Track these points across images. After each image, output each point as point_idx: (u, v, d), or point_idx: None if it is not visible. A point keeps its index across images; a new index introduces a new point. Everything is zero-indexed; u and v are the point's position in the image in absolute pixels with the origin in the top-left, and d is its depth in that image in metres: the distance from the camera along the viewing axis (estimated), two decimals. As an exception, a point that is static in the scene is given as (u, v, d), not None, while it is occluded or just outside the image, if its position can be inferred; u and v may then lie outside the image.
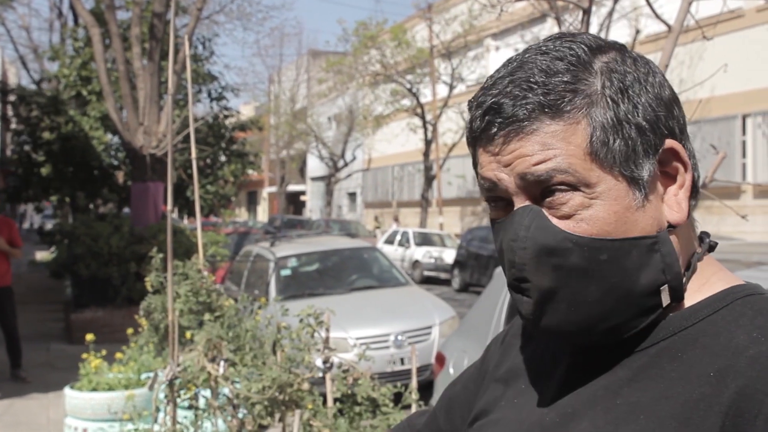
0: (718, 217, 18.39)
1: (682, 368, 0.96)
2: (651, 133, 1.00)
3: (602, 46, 1.04)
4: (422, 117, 32.90)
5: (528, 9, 22.89)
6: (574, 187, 0.98)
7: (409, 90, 33.36)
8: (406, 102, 34.65)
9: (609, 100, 0.99)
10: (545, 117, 0.99)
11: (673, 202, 1.02)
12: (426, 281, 23.55)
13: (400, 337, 9.00)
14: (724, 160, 2.59)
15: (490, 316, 5.20)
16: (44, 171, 22.70)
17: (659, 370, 0.98)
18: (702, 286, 1.03)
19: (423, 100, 33.50)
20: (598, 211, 0.98)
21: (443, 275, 23.49)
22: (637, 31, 6.60)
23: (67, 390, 6.69)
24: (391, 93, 35.28)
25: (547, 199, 1.00)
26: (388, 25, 35.53)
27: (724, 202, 2.93)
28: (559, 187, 0.99)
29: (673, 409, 0.93)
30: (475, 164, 1.08)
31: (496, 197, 1.06)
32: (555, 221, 1.00)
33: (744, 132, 20.73)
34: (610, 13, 15.53)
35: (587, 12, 3.05)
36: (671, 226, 1.02)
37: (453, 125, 32.27)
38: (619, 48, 1.05)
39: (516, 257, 1.01)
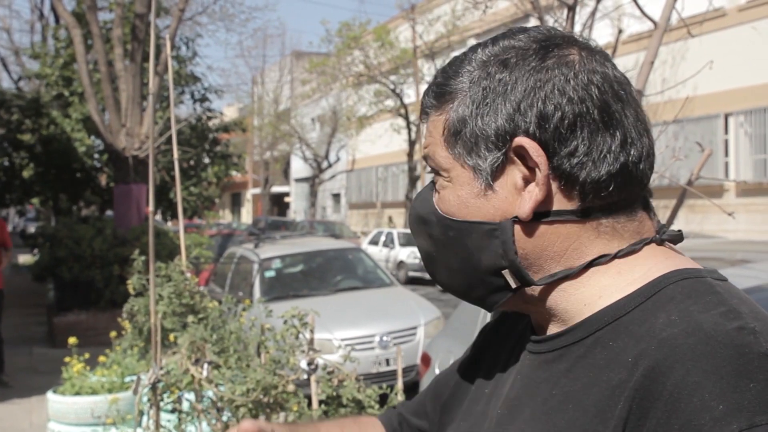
0: (702, 216, 18.51)
1: (610, 356, 0.97)
2: (493, 132, 1.05)
3: (513, 35, 1.10)
4: (406, 118, 32.94)
5: (511, 9, 22.91)
6: (436, 171, 1.12)
7: (393, 91, 33.39)
8: (390, 103, 34.68)
9: (469, 99, 1.07)
10: (433, 107, 1.14)
11: (524, 197, 1.04)
12: (411, 282, 23.55)
13: (385, 338, 8.98)
14: (709, 157, 2.58)
15: (475, 316, 5.20)
16: (26, 174, 22.56)
17: (591, 359, 0.99)
18: (642, 276, 1.03)
19: (407, 100, 33.54)
20: (449, 192, 1.10)
21: (428, 276, 23.47)
22: (620, 31, 6.60)
23: (49, 394, 6.63)
24: (374, 94, 35.30)
25: (435, 176, 1.14)
26: (372, 25, 35.55)
27: (711, 200, 2.92)
28: (433, 168, 1.14)
29: (596, 397, 0.95)
30: None
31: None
32: (435, 196, 1.14)
33: (726, 131, 20.85)
34: (593, 13, 15.57)
35: (572, 9, 3.04)
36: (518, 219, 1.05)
37: (437, 126, 32.28)
38: (537, 40, 1.08)
39: (408, 218, 1.22)
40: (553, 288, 1.07)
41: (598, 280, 1.04)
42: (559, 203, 1.04)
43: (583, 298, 1.05)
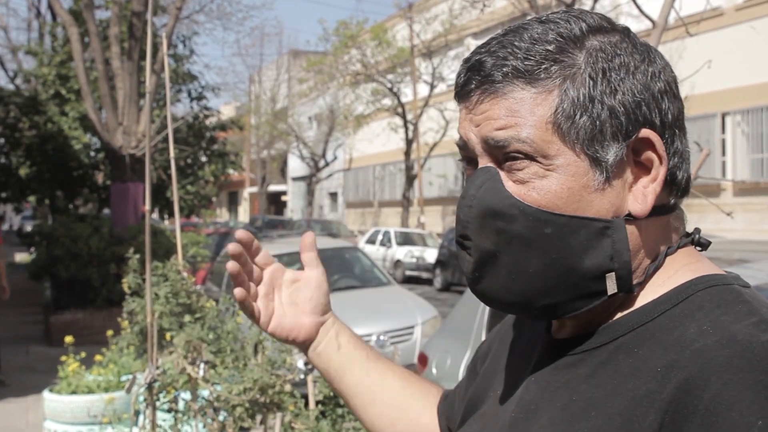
0: (698, 215, 18.50)
1: (636, 364, 0.93)
2: (624, 118, 0.97)
3: (604, 27, 1.02)
4: (403, 116, 32.92)
5: (508, 8, 22.93)
6: (530, 157, 0.98)
7: (390, 89, 33.36)
8: (387, 101, 34.65)
9: (587, 77, 0.98)
10: (519, 81, 0.99)
11: (639, 193, 0.99)
12: (408, 281, 23.55)
13: (382, 338, 8.97)
14: (707, 157, 2.57)
15: (473, 315, 5.19)
16: (23, 171, 22.51)
17: (615, 366, 0.95)
18: (668, 279, 1.00)
19: (404, 99, 33.52)
20: (551, 183, 0.98)
21: (425, 275, 23.50)
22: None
23: (46, 393, 6.63)
24: (371, 92, 35.28)
25: (507, 164, 1.00)
26: (369, 24, 35.56)
27: (709, 200, 2.92)
28: (516, 154, 0.99)
29: (621, 405, 0.91)
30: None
31: (469, 158, 1.07)
32: (509, 185, 1.00)
33: (723, 130, 20.86)
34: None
35: (570, 6, 3.03)
36: (631, 216, 0.99)
37: (434, 125, 32.29)
38: (622, 31, 1.03)
39: (462, 214, 1.04)
40: None
41: None
42: (660, 200, 1.01)
43: (618, 297, 1.01)
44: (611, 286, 0.98)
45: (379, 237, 26.90)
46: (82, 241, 13.32)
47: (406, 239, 26.21)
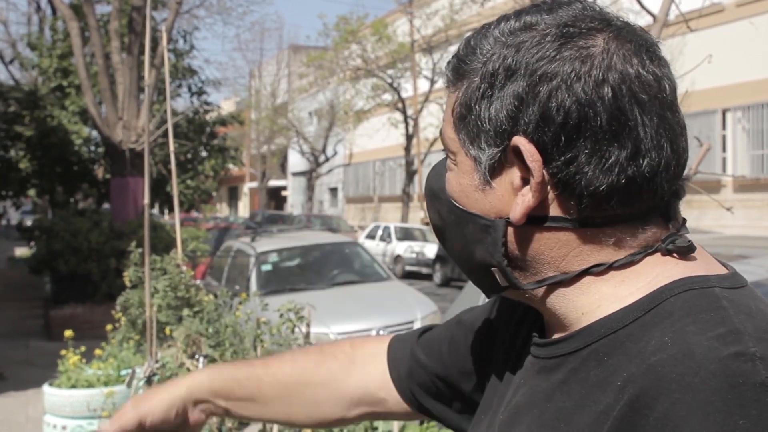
0: (699, 211, 18.49)
1: (603, 375, 0.90)
2: (493, 125, 0.97)
3: (531, 24, 0.97)
4: (403, 112, 32.90)
5: (509, 3, 22.88)
6: (446, 152, 1.07)
7: (390, 85, 33.34)
8: (387, 97, 34.62)
9: (476, 83, 0.99)
10: (449, 81, 1.05)
11: (518, 200, 0.96)
12: (407, 276, 23.54)
13: (381, 332, 8.96)
14: (708, 152, 2.57)
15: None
16: (23, 165, 22.51)
17: (585, 375, 0.93)
18: (646, 284, 0.95)
19: (404, 94, 33.49)
20: (452, 176, 1.05)
21: (425, 270, 23.49)
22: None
23: (45, 387, 6.62)
24: (372, 88, 35.24)
25: None
26: (369, 19, 35.52)
27: (710, 196, 2.92)
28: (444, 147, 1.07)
29: (586, 419, 0.89)
30: None
31: None
32: (448, 173, 1.07)
33: (724, 126, 20.85)
34: (591, 8, 15.55)
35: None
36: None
37: (434, 120, 32.25)
38: (546, 28, 0.96)
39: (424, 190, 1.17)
40: (551, 292, 1.00)
41: (598, 289, 0.97)
42: (555, 210, 0.96)
43: (582, 306, 0.98)
44: (501, 280, 1.02)
45: (379, 232, 26.89)
46: (82, 235, 13.32)
47: (406, 234, 26.21)
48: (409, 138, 32.88)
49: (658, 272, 0.95)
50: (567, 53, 0.93)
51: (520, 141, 0.94)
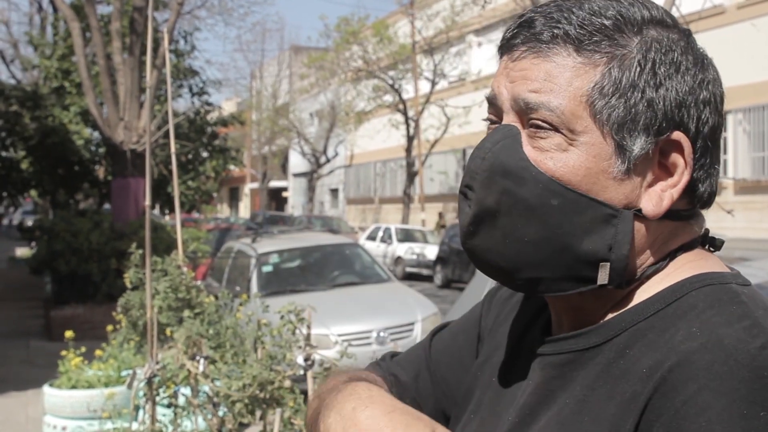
0: (699, 213, 18.48)
1: (626, 366, 0.91)
2: (661, 114, 0.95)
3: (665, 22, 0.99)
4: (404, 113, 32.88)
5: (510, 5, 22.91)
6: (555, 128, 0.96)
7: (391, 86, 33.32)
8: (388, 98, 34.60)
9: (636, 62, 0.95)
10: (567, 46, 0.96)
11: (655, 194, 0.97)
12: (408, 277, 23.52)
13: (382, 334, 8.98)
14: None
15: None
16: (24, 166, 22.53)
17: (607, 367, 0.93)
18: (665, 278, 0.97)
19: (405, 96, 33.47)
20: (571, 157, 0.95)
21: (425, 271, 23.47)
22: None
23: (46, 388, 6.63)
24: (373, 89, 35.22)
25: (532, 128, 0.98)
26: (370, 20, 35.51)
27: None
28: (541, 123, 0.96)
29: (610, 411, 0.89)
30: None
31: (493, 118, 1.05)
32: (527, 149, 0.98)
33: (725, 128, 20.83)
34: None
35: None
36: (641, 214, 0.97)
37: (435, 121, 32.24)
38: (683, 31, 1.00)
39: (473, 164, 1.01)
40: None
41: None
42: (677, 204, 0.98)
43: (614, 298, 0.99)
44: (602, 277, 0.96)
45: (380, 233, 26.88)
46: (83, 236, 13.33)
47: (406, 236, 26.19)
48: (410, 139, 32.86)
49: (680, 265, 0.98)
50: (703, 60, 0.99)
51: (682, 137, 0.96)
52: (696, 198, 1.00)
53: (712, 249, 1.04)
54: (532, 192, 0.96)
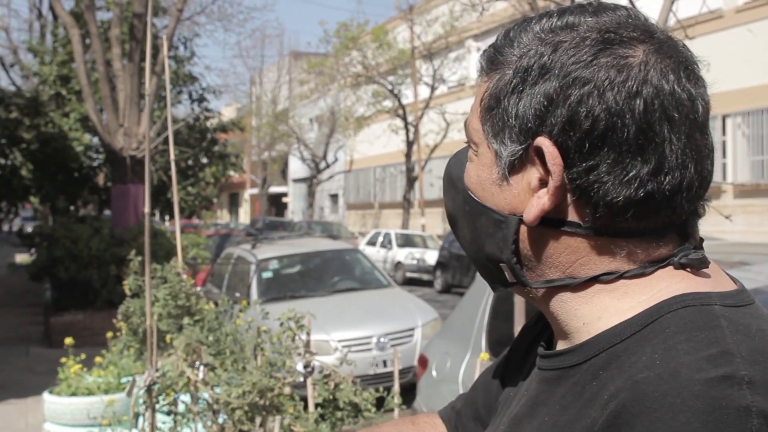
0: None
1: (596, 389, 0.89)
2: (521, 121, 0.95)
3: (572, 25, 0.96)
4: (404, 118, 32.91)
5: (509, 10, 22.87)
6: (470, 142, 1.06)
7: (391, 91, 33.36)
8: (388, 103, 34.64)
9: (510, 75, 0.98)
10: (482, 70, 1.05)
11: (534, 200, 0.96)
12: (408, 283, 23.52)
13: (382, 339, 8.97)
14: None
15: (473, 317, 5.18)
16: (24, 172, 22.56)
17: (581, 389, 0.92)
18: (648, 299, 0.93)
19: (404, 101, 33.51)
20: (471, 167, 1.06)
21: (425, 276, 23.48)
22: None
23: (46, 395, 6.62)
24: (372, 94, 35.27)
25: None
26: (370, 26, 35.54)
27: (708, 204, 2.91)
28: (468, 140, 1.07)
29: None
30: None
31: None
32: (468, 164, 1.07)
33: (724, 132, 20.86)
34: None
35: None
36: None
37: (434, 126, 32.28)
38: (587, 30, 0.95)
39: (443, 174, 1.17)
40: (553, 295, 1.00)
41: (600, 299, 0.96)
42: (571, 215, 0.95)
43: (583, 316, 0.97)
44: (509, 276, 1.03)
45: (380, 239, 26.89)
46: (83, 242, 13.34)
47: (406, 241, 26.20)
48: (409, 144, 32.90)
49: (662, 287, 0.94)
50: (604, 60, 0.92)
51: (543, 142, 0.94)
52: (597, 209, 0.94)
53: (689, 269, 0.97)
54: (460, 199, 1.09)
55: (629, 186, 0.92)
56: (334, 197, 49.44)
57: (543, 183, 0.95)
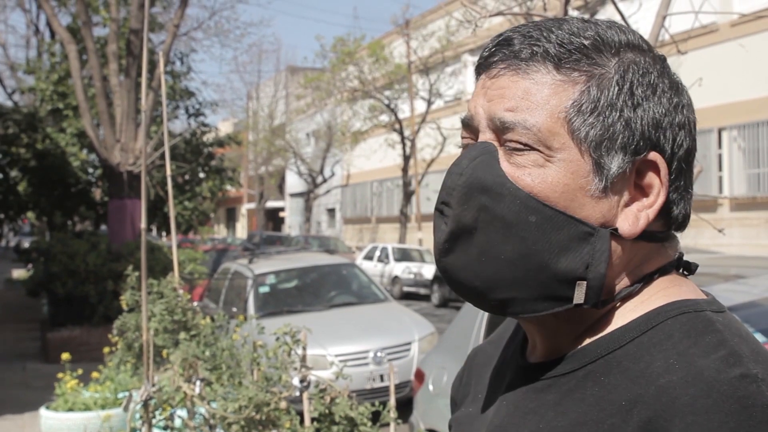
0: (695, 230, 18.53)
1: (601, 393, 0.90)
2: (638, 134, 0.96)
3: (641, 47, 1.01)
4: (400, 133, 32.95)
5: (505, 25, 23.00)
6: (531, 147, 0.95)
7: (387, 106, 33.41)
8: (384, 118, 34.68)
9: (614, 82, 0.96)
10: (546, 64, 0.97)
11: (631, 214, 0.96)
12: (405, 297, 23.51)
13: (379, 354, 8.96)
14: (700, 173, 2.59)
15: (470, 331, 5.19)
16: (21, 188, 22.56)
17: (582, 394, 0.93)
18: (641, 304, 0.97)
19: (401, 115, 33.55)
20: (548, 173, 0.95)
21: (423, 291, 23.46)
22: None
23: (42, 410, 6.61)
24: (369, 109, 35.31)
25: (508, 145, 0.97)
26: (366, 41, 35.61)
27: (700, 216, 2.93)
28: (517, 143, 0.96)
29: None
30: None
31: (468, 142, 1.05)
32: (505, 165, 0.97)
33: (720, 145, 20.90)
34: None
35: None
36: (617, 233, 0.96)
37: (431, 141, 32.32)
38: (658, 56, 1.02)
39: (450, 181, 0.99)
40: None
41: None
42: (651, 227, 0.99)
43: (588, 321, 0.99)
44: (579, 296, 0.95)
45: (377, 253, 26.87)
46: (80, 257, 13.33)
47: (403, 255, 26.19)
48: (406, 159, 32.91)
49: (654, 291, 0.98)
50: (679, 83, 1.01)
51: (658, 158, 0.97)
52: (671, 220, 1.01)
53: (686, 273, 1.04)
54: (509, 208, 0.95)
55: (688, 200, 1.02)
56: (331, 212, 49.44)
57: (631, 196, 0.98)
